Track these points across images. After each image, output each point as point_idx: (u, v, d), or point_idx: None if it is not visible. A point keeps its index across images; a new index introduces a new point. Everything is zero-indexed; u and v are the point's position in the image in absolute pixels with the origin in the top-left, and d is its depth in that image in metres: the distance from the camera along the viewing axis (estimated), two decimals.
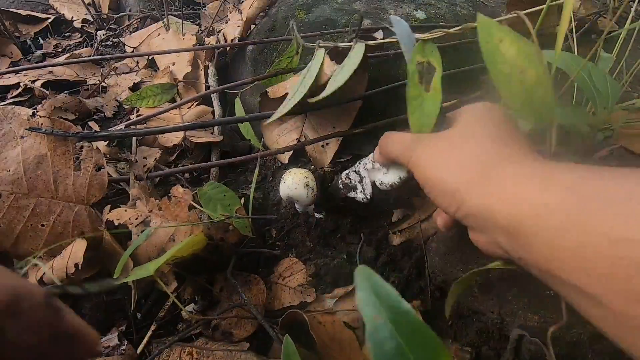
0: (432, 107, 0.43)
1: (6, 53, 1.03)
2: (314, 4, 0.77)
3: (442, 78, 0.44)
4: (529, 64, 0.36)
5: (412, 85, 0.44)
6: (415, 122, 0.44)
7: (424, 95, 0.44)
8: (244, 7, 0.93)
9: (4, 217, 0.51)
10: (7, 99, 0.86)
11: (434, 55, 0.45)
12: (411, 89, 0.44)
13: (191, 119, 0.80)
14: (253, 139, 0.64)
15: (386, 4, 0.76)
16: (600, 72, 0.53)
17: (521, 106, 0.37)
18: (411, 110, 0.44)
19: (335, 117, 0.67)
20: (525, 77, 0.36)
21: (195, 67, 0.90)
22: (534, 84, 0.36)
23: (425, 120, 0.44)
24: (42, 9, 1.24)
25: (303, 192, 0.56)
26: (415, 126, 0.44)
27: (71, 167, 0.55)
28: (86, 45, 1.15)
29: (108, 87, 0.93)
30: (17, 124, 0.55)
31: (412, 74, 0.44)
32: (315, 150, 0.68)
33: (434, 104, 0.43)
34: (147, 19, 1.23)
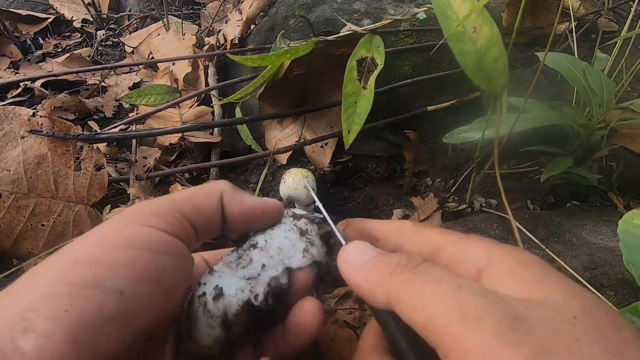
0: (365, 106, 0.42)
1: (6, 53, 1.03)
2: (314, 4, 0.77)
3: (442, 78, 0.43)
4: (482, 22, 0.34)
5: (350, 81, 0.43)
6: (347, 120, 0.43)
7: (360, 93, 0.43)
8: (243, 7, 0.93)
9: (4, 217, 0.51)
10: (7, 98, 0.86)
11: (379, 51, 0.43)
12: (348, 85, 0.43)
13: (190, 118, 0.80)
14: (253, 143, 0.64)
15: (386, 4, 0.76)
16: (595, 72, 0.53)
17: (473, 69, 0.36)
18: (344, 107, 0.43)
19: (331, 119, 0.67)
20: (479, 36, 0.34)
21: (195, 67, 0.90)
22: (486, 44, 0.34)
23: (356, 119, 0.43)
24: (42, 9, 1.24)
25: (303, 192, 0.56)
26: (346, 123, 0.43)
27: (71, 167, 0.55)
28: (86, 45, 1.15)
29: (108, 87, 0.93)
30: (17, 124, 0.55)
31: (351, 70, 0.42)
32: (315, 151, 0.68)
33: (367, 102, 0.42)
34: (147, 18, 1.23)
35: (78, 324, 0.20)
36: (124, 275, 0.23)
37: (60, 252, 0.24)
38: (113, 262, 0.23)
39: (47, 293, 0.21)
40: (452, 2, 0.35)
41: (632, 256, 0.35)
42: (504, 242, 0.52)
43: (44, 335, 0.20)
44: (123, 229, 0.25)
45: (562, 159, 0.55)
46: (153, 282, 0.24)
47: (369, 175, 0.70)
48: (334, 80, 0.66)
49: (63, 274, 0.22)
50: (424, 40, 0.71)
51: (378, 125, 0.64)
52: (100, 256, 0.23)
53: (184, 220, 0.26)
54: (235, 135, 0.81)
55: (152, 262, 0.24)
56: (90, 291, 0.21)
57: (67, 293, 0.21)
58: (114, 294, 0.22)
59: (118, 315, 0.22)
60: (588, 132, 0.56)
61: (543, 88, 0.70)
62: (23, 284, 0.23)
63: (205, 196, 0.28)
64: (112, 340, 0.21)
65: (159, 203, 0.26)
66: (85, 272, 0.22)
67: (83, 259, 0.23)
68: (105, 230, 0.25)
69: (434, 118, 0.69)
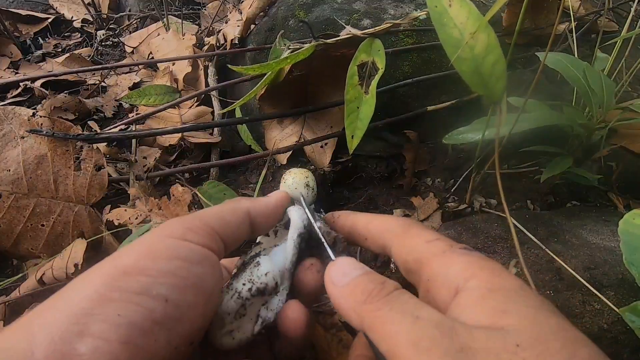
0: (368, 111, 0.42)
1: (6, 53, 1.03)
2: (314, 4, 0.77)
3: (442, 78, 0.43)
4: (479, 29, 0.34)
5: (351, 87, 0.43)
6: (350, 125, 0.43)
7: (363, 98, 0.43)
8: (243, 7, 0.93)
9: (4, 217, 0.51)
10: (7, 98, 0.86)
11: (379, 55, 0.43)
12: (350, 90, 0.43)
13: (190, 119, 0.80)
14: (253, 143, 0.65)
15: (386, 4, 0.76)
16: (595, 72, 0.53)
17: (471, 75, 0.36)
18: (347, 112, 0.43)
19: (331, 119, 0.67)
20: (475, 42, 0.34)
21: (195, 67, 0.90)
22: (484, 50, 0.34)
23: (359, 124, 0.43)
24: (42, 9, 1.24)
25: (303, 191, 0.55)
26: (349, 129, 0.43)
27: (71, 167, 0.55)
28: (86, 45, 1.15)
29: (108, 87, 0.93)
30: (17, 124, 0.55)
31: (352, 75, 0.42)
32: (315, 151, 0.68)
33: (370, 107, 0.42)
34: (146, 18, 1.23)
35: (130, 327, 0.23)
36: (168, 283, 0.25)
37: (108, 261, 0.26)
38: (158, 272, 0.25)
39: (101, 299, 0.23)
40: (448, 9, 0.35)
41: (632, 256, 0.35)
42: (504, 241, 0.52)
43: (99, 338, 0.22)
44: (164, 242, 0.27)
45: (562, 159, 0.55)
46: (193, 290, 0.26)
47: (369, 175, 0.70)
48: (333, 80, 0.66)
49: (114, 281, 0.24)
50: (424, 41, 0.71)
51: (378, 125, 0.64)
52: (147, 266, 0.25)
53: (214, 234, 0.29)
54: (235, 135, 0.81)
55: (191, 272, 0.26)
56: (139, 298, 0.24)
57: (119, 299, 0.23)
58: (160, 301, 0.24)
59: (164, 320, 0.24)
60: (588, 132, 0.56)
61: (543, 88, 0.70)
62: (73, 290, 0.24)
63: (232, 212, 0.31)
64: (159, 343, 0.23)
65: (192, 219, 0.29)
66: (134, 280, 0.24)
67: (132, 268, 0.25)
68: (148, 242, 0.27)
69: (434, 118, 0.69)
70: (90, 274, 0.25)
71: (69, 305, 0.23)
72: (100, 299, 0.23)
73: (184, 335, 0.25)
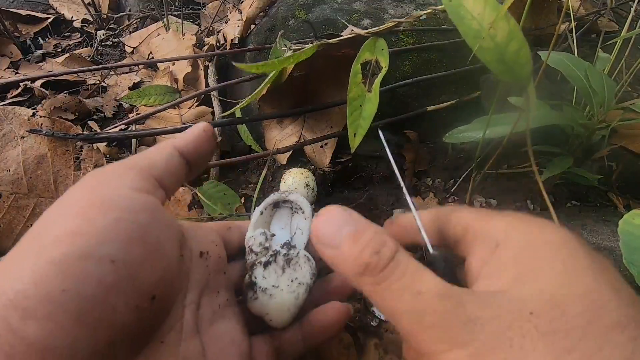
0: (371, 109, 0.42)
1: (6, 53, 1.03)
2: (314, 4, 0.77)
3: (442, 78, 0.43)
4: (498, 17, 0.34)
5: (354, 85, 0.43)
6: (352, 124, 0.43)
7: (366, 96, 0.43)
8: (243, 7, 0.93)
9: (4, 217, 0.51)
10: (7, 98, 0.86)
11: (383, 54, 0.43)
12: (353, 89, 0.43)
13: (190, 119, 0.80)
14: (252, 143, 0.65)
15: (386, 4, 0.76)
16: (596, 71, 0.53)
17: (496, 64, 0.35)
18: (350, 110, 0.43)
19: (331, 119, 0.67)
20: (496, 31, 0.34)
21: (195, 67, 0.90)
22: (506, 38, 0.34)
23: (362, 122, 0.43)
24: (42, 9, 1.24)
25: (303, 192, 0.56)
26: (352, 127, 0.43)
27: (71, 167, 0.55)
28: (86, 45, 1.15)
29: (108, 87, 0.93)
30: (17, 124, 0.55)
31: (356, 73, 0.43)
32: (315, 151, 0.68)
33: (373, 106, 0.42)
34: (146, 18, 1.23)
35: (80, 301, 0.20)
36: (110, 241, 0.21)
37: (36, 231, 0.22)
38: (95, 230, 0.21)
39: (37, 276, 0.20)
40: (464, 2, 0.35)
41: (631, 256, 0.35)
42: None
43: (48, 320, 0.19)
44: (94, 194, 0.23)
45: (562, 159, 0.55)
46: (140, 243, 0.23)
47: (369, 175, 0.70)
48: (334, 80, 0.66)
49: (48, 253, 0.20)
50: (424, 41, 0.71)
51: (378, 125, 0.64)
52: (81, 226, 0.21)
53: (147, 174, 0.26)
54: (235, 135, 0.81)
55: (133, 223, 0.23)
56: (81, 265, 0.20)
57: (59, 272, 0.20)
58: (106, 263, 0.21)
59: (116, 283, 0.21)
60: (588, 132, 0.56)
61: (544, 87, 0.70)
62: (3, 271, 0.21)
63: (158, 150, 0.28)
64: (117, 309, 0.21)
65: (115, 166, 0.26)
66: (70, 246, 0.21)
67: (65, 234, 0.21)
68: (75, 198, 0.23)
69: (434, 118, 0.69)
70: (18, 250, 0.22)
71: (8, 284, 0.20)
72: (38, 277, 0.19)
73: (142, 293, 0.22)
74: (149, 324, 0.24)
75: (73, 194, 0.24)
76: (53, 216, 0.23)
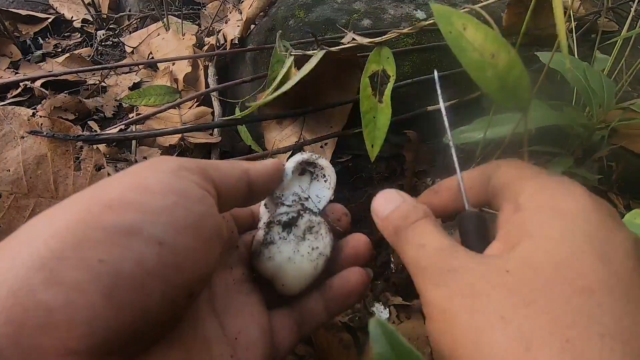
0: (384, 119, 0.43)
1: (6, 53, 1.03)
2: (314, 4, 0.77)
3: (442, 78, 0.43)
4: (499, 48, 0.35)
5: (365, 98, 0.43)
6: (368, 135, 0.44)
7: (378, 108, 0.43)
8: (243, 7, 0.93)
9: (4, 217, 0.51)
10: (7, 98, 0.86)
11: (389, 62, 0.44)
12: (364, 102, 0.43)
13: (190, 119, 0.80)
14: (252, 143, 0.65)
15: (386, 4, 0.76)
16: (595, 72, 0.54)
17: (498, 91, 0.36)
18: (365, 123, 0.44)
19: (330, 119, 0.67)
20: (497, 61, 0.35)
21: (195, 67, 0.90)
22: (506, 67, 0.35)
23: (377, 133, 0.43)
24: (42, 9, 1.24)
25: None
26: (369, 139, 0.44)
27: (71, 167, 0.55)
28: (86, 45, 1.15)
29: (108, 87, 0.93)
30: (17, 124, 0.55)
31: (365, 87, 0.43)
32: (315, 151, 0.68)
33: (386, 116, 0.43)
34: (146, 18, 1.23)
35: (116, 276, 0.18)
36: (163, 222, 0.20)
37: (87, 192, 0.21)
38: (151, 208, 0.20)
39: (76, 238, 0.18)
40: (464, 33, 0.35)
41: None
42: None
43: (74, 288, 0.17)
44: (157, 175, 0.22)
45: (562, 159, 0.55)
46: (193, 232, 0.21)
47: (369, 175, 0.70)
48: (334, 81, 0.66)
49: (95, 217, 0.19)
50: (424, 41, 0.71)
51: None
52: (138, 200, 0.20)
53: (209, 178, 0.25)
54: (235, 135, 0.81)
55: (190, 211, 0.21)
56: (128, 240, 0.19)
57: (102, 240, 0.18)
58: (153, 244, 0.19)
59: (159, 268, 0.19)
60: (588, 132, 0.56)
61: (543, 88, 0.70)
62: (37, 227, 0.19)
63: (230, 165, 0.28)
64: (152, 297, 0.19)
65: (184, 160, 0.25)
66: (121, 217, 0.19)
67: (118, 202, 0.20)
68: (138, 173, 0.22)
69: (434, 118, 0.69)
70: (62, 207, 0.20)
71: (31, 246, 0.18)
72: (75, 239, 0.18)
73: (181, 287, 0.20)
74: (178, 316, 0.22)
75: (135, 168, 0.23)
76: (111, 182, 0.22)
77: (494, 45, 0.35)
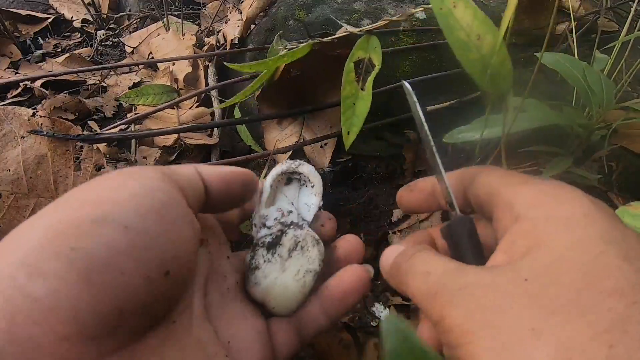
0: (363, 107, 0.43)
1: (6, 53, 1.03)
2: (314, 4, 0.77)
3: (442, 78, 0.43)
4: (486, 30, 0.35)
5: (347, 83, 0.43)
6: (346, 122, 0.44)
7: (359, 95, 0.43)
8: (243, 7, 0.93)
9: (4, 217, 0.51)
10: (7, 98, 0.86)
11: (376, 51, 0.44)
12: (346, 87, 0.43)
13: (189, 119, 0.80)
14: (252, 143, 0.65)
15: (386, 4, 0.76)
16: (594, 72, 0.54)
17: (479, 74, 0.36)
18: (343, 109, 0.44)
19: (330, 119, 0.67)
20: (482, 43, 0.35)
21: (195, 67, 0.90)
22: (490, 50, 0.35)
23: (355, 120, 0.43)
24: (42, 9, 1.24)
25: None
26: (345, 125, 0.44)
27: (71, 167, 0.55)
28: (86, 45, 1.15)
29: (108, 87, 0.93)
30: (17, 124, 0.55)
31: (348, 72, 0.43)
32: (315, 151, 0.68)
33: (365, 104, 0.43)
34: (146, 18, 1.23)
35: (88, 260, 0.20)
36: (127, 209, 0.22)
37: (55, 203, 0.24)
38: (112, 200, 0.23)
39: (48, 235, 0.20)
40: (454, 11, 0.35)
41: None
42: None
43: (54, 277, 0.19)
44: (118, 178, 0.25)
45: (562, 159, 0.55)
46: (155, 217, 0.23)
47: (369, 175, 0.70)
48: (331, 80, 0.65)
49: (60, 215, 0.22)
50: (424, 41, 0.71)
51: (378, 125, 0.64)
52: (99, 196, 0.23)
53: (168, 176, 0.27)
54: (235, 135, 0.81)
55: (150, 199, 0.24)
56: (95, 227, 0.21)
57: (70, 232, 0.21)
58: (119, 228, 0.22)
59: (128, 249, 0.21)
60: (588, 132, 0.56)
61: (543, 88, 0.70)
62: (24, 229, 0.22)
63: (183, 167, 0.29)
64: (127, 275, 0.21)
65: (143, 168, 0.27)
66: (85, 211, 0.22)
67: (81, 202, 0.23)
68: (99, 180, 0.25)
69: (434, 118, 0.69)
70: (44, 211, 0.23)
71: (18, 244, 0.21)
72: (51, 234, 0.20)
73: (154, 265, 0.22)
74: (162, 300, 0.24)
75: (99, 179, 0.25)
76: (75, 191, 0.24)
77: (481, 27, 0.35)
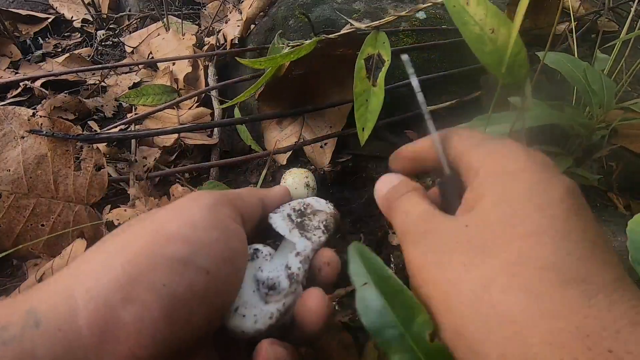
0: (376, 103, 0.43)
1: (6, 53, 1.03)
2: (314, 4, 0.77)
3: (442, 78, 0.43)
4: (499, 23, 0.36)
5: (359, 80, 0.44)
6: (360, 118, 0.44)
7: (371, 91, 0.44)
8: (243, 7, 0.93)
9: (4, 217, 0.51)
10: (7, 98, 0.86)
11: (385, 47, 0.44)
12: (358, 84, 0.44)
13: (189, 120, 0.80)
14: (252, 143, 0.65)
15: (386, 4, 0.76)
16: (595, 72, 0.54)
17: (495, 66, 0.37)
18: (357, 106, 0.44)
19: (330, 119, 0.67)
20: (497, 36, 0.36)
21: (195, 67, 0.90)
22: (506, 42, 0.36)
23: (369, 116, 0.44)
24: (42, 9, 1.24)
25: (303, 192, 0.56)
26: (360, 121, 0.44)
27: (71, 167, 0.55)
28: (86, 45, 1.15)
29: (108, 87, 0.93)
30: (17, 124, 0.54)
31: (359, 69, 0.44)
32: (314, 151, 0.68)
33: (378, 99, 0.43)
34: (146, 18, 1.23)
35: (173, 298, 0.22)
36: (209, 255, 0.25)
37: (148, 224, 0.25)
38: (201, 242, 0.25)
39: (146, 265, 0.22)
40: (467, 7, 0.36)
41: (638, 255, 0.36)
42: None
43: (143, 307, 0.21)
44: (201, 212, 0.26)
45: (562, 158, 0.55)
46: (230, 263, 0.26)
47: (369, 175, 0.70)
48: (333, 80, 0.66)
49: (159, 247, 0.23)
50: (424, 41, 0.71)
51: (378, 125, 0.64)
52: (189, 235, 0.25)
53: (238, 211, 0.29)
54: (235, 135, 0.81)
55: (228, 245, 0.26)
56: (184, 268, 0.23)
57: (165, 267, 0.23)
58: (202, 273, 0.24)
59: (205, 293, 0.23)
60: (588, 132, 0.56)
61: (543, 88, 0.70)
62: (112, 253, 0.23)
63: (249, 193, 0.32)
64: (198, 316, 0.23)
65: (218, 195, 0.29)
66: (179, 249, 0.24)
67: (175, 236, 0.24)
68: (185, 209, 0.27)
69: (434, 118, 0.68)
70: (128, 236, 0.24)
71: (111, 269, 0.22)
72: (145, 266, 0.22)
73: (218, 308, 0.25)
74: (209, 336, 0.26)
75: (182, 203, 0.27)
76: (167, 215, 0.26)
77: (494, 21, 0.36)
